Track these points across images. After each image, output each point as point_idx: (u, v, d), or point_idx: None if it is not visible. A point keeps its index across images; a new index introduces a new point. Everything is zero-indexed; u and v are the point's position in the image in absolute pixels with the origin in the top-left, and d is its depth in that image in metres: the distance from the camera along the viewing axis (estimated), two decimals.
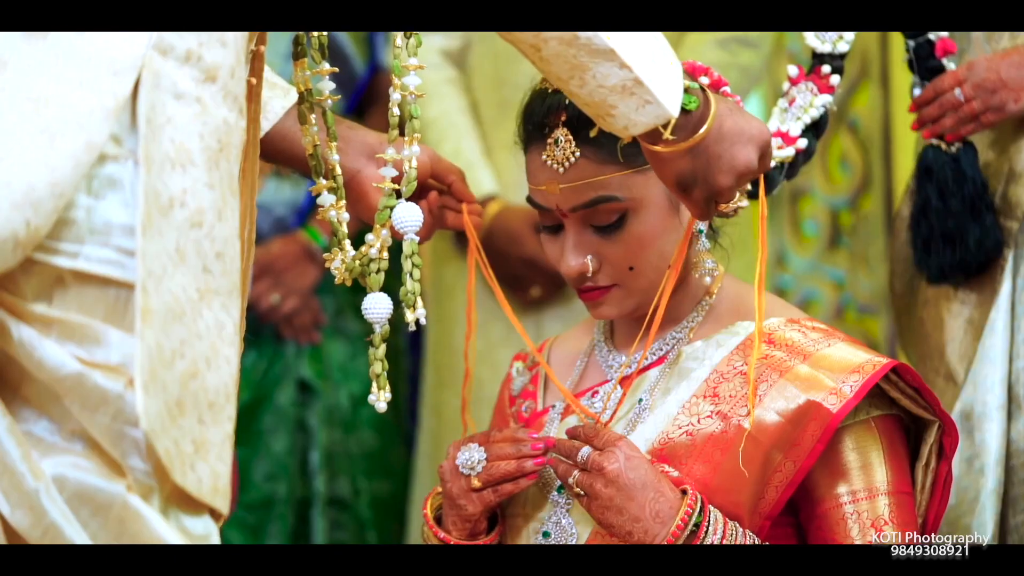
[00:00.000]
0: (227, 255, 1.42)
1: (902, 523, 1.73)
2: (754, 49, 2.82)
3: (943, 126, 2.24)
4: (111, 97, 1.35)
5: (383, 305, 1.69)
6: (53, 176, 1.31)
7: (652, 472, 1.71)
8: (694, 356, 1.81)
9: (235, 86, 1.44)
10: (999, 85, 2.19)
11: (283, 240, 3.05)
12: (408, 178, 1.69)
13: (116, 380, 1.32)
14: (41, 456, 1.33)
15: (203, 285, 1.38)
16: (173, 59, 1.38)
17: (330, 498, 3.08)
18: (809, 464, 1.71)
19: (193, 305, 1.37)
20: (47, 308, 1.33)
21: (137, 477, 1.34)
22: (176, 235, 1.36)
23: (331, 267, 1.78)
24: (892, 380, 1.76)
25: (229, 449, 1.40)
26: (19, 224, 1.29)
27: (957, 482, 2.22)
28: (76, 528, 1.31)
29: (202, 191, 1.39)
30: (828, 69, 2.04)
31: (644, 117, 1.59)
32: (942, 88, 2.23)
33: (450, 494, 1.81)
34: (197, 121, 1.39)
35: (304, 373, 3.09)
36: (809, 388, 1.72)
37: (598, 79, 1.57)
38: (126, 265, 1.34)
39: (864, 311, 3.69)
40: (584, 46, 1.54)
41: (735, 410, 1.74)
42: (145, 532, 1.33)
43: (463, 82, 2.93)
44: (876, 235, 3.63)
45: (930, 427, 1.79)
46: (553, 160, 1.77)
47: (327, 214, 1.78)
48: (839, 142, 3.61)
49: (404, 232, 1.67)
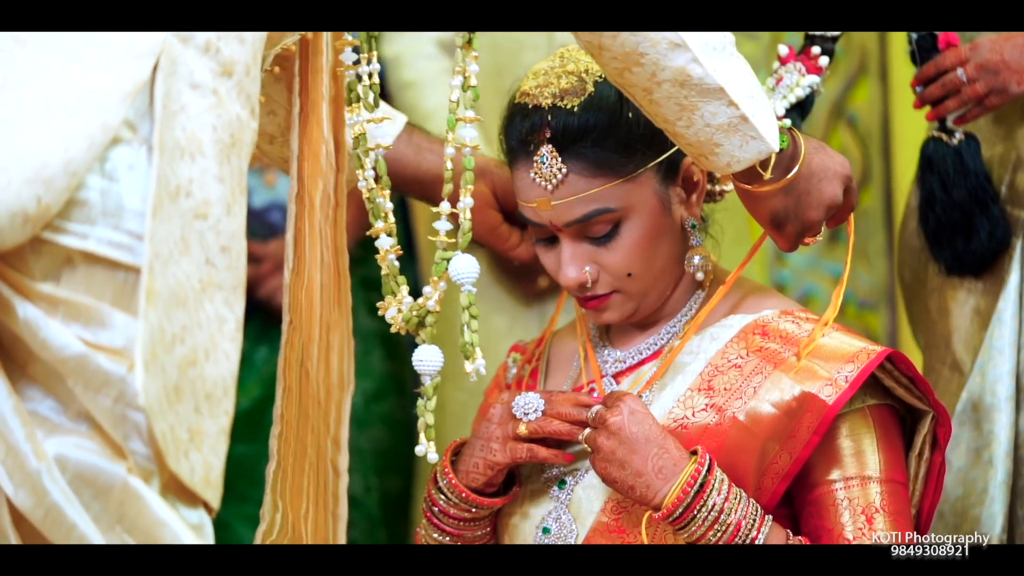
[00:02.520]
0: (233, 250, 1.41)
1: (893, 511, 1.73)
2: (755, 41, 2.84)
3: (946, 108, 2.22)
4: (130, 80, 1.35)
5: (435, 358, 1.72)
6: (67, 155, 1.31)
7: (657, 428, 1.71)
8: (688, 350, 1.81)
9: (249, 85, 1.44)
10: (1002, 66, 2.18)
11: None
12: (463, 229, 1.71)
13: (119, 363, 1.32)
14: (46, 436, 1.32)
15: (205, 277, 1.38)
16: (193, 48, 1.39)
17: None
18: (805, 455, 1.71)
19: (195, 295, 1.37)
20: (54, 288, 1.32)
21: (138, 461, 1.33)
22: (181, 223, 1.36)
23: (386, 316, 1.79)
24: (887, 369, 1.76)
25: (224, 444, 1.40)
26: (30, 200, 1.29)
27: (965, 473, 2.23)
28: (77, 509, 1.31)
29: (210, 183, 1.39)
30: (818, 50, 2.02)
31: (747, 153, 1.66)
32: (944, 65, 2.20)
33: (488, 435, 1.80)
34: (212, 113, 1.40)
35: None
36: (804, 379, 1.72)
37: (706, 118, 1.63)
38: (135, 249, 1.34)
39: (864, 306, 3.69)
40: (696, 86, 1.61)
41: (729, 402, 1.74)
42: (146, 514, 1.33)
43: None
44: (875, 230, 3.63)
45: (924, 417, 1.79)
46: (540, 177, 1.77)
47: (385, 259, 1.79)
48: (838, 137, 3.61)
49: (461, 284, 1.70)
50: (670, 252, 1.81)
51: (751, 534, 1.68)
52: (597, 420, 1.74)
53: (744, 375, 1.75)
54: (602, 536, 1.76)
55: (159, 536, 1.33)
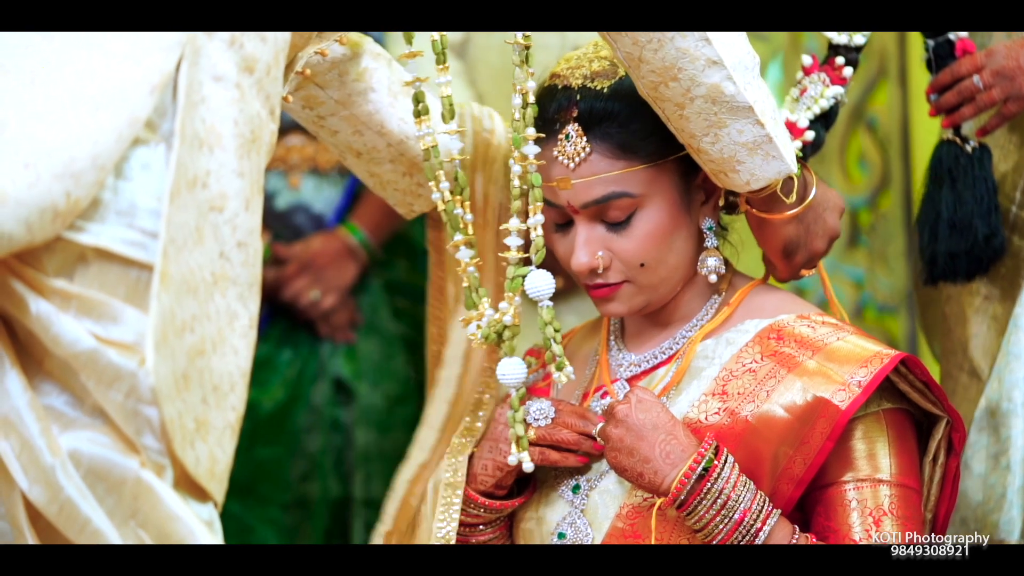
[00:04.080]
0: (250, 247, 1.42)
1: (902, 517, 1.72)
2: (764, 42, 2.85)
3: (962, 115, 2.20)
4: (157, 72, 1.35)
5: (519, 371, 1.80)
6: (95, 148, 1.31)
7: (665, 415, 1.72)
8: (704, 355, 1.81)
9: (270, 85, 1.44)
10: (1018, 72, 2.16)
11: (324, 237, 3.02)
12: (536, 245, 1.75)
13: (130, 358, 1.32)
14: (61, 430, 1.33)
15: (218, 270, 1.38)
16: (218, 40, 1.39)
17: (366, 499, 3.06)
18: (819, 462, 1.71)
19: (206, 287, 1.37)
20: (67, 284, 1.33)
21: (150, 455, 1.34)
22: (196, 214, 1.36)
23: (467, 331, 1.84)
24: (902, 373, 1.76)
25: (230, 439, 1.40)
26: (59, 195, 1.30)
27: (984, 479, 2.22)
28: (92, 504, 1.31)
29: (228, 176, 1.39)
30: (842, 61, 2.01)
31: (768, 173, 1.70)
32: (960, 72, 2.19)
33: (497, 436, 1.82)
34: (234, 107, 1.40)
35: (340, 372, 3.07)
36: (818, 384, 1.72)
37: (732, 136, 1.67)
38: (149, 247, 1.34)
39: (884, 310, 3.69)
40: (727, 103, 1.64)
41: (742, 406, 1.74)
42: (159, 508, 1.33)
43: (467, 75, 2.92)
44: (895, 234, 3.62)
45: (939, 422, 1.79)
46: (564, 155, 1.77)
47: (466, 270, 1.83)
48: (857, 141, 3.60)
49: (538, 299, 1.77)
50: (684, 250, 1.81)
51: (756, 524, 1.68)
52: (607, 412, 1.75)
53: (758, 379, 1.75)
54: (617, 541, 1.76)
55: (172, 530, 1.33)
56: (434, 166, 1.81)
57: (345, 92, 1.88)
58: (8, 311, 1.34)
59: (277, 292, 2.99)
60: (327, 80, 1.87)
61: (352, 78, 1.87)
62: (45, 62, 1.34)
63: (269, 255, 2.98)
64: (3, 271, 1.32)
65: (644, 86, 1.69)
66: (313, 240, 3.02)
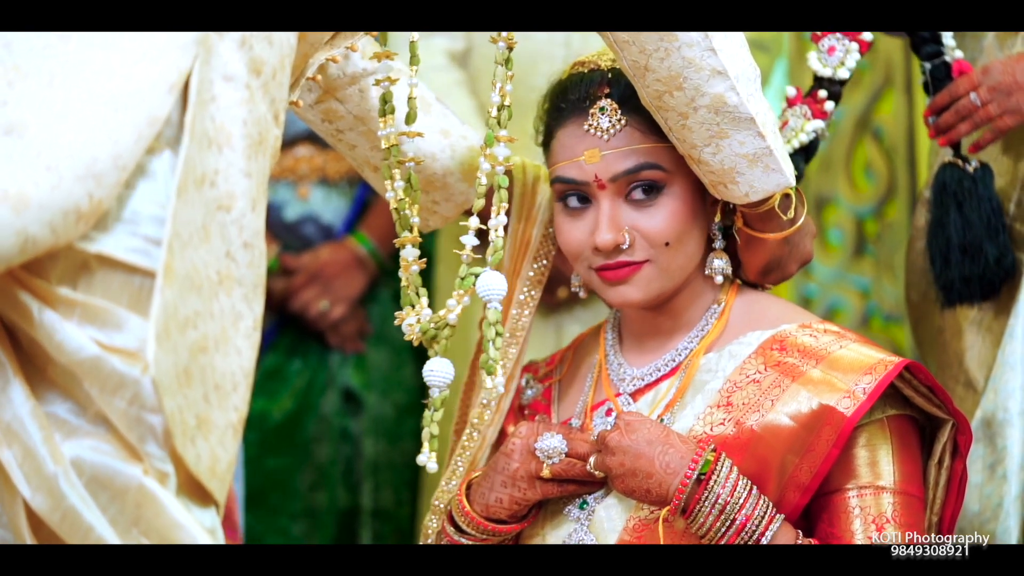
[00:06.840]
0: (256, 248, 1.41)
1: (904, 524, 1.73)
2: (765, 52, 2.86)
3: (959, 132, 2.22)
4: (174, 71, 1.35)
5: (446, 371, 1.72)
6: (116, 148, 1.31)
7: (657, 429, 1.73)
8: (707, 368, 1.82)
9: (275, 89, 1.44)
10: (1015, 87, 2.18)
11: (332, 247, 3.03)
12: (494, 247, 1.73)
13: (133, 365, 1.32)
14: (64, 438, 1.33)
15: (224, 270, 1.38)
16: (229, 40, 1.39)
17: (374, 509, 3.06)
18: (825, 469, 1.72)
19: (211, 285, 1.37)
20: (71, 291, 1.33)
21: (153, 463, 1.33)
22: (203, 212, 1.36)
23: (402, 325, 1.80)
24: (906, 378, 1.76)
25: (232, 440, 1.40)
26: (82, 196, 1.29)
27: (980, 489, 2.22)
28: (95, 512, 1.31)
29: (236, 176, 1.39)
30: (824, 94, 2.03)
31: (766, 185, 1.72)
32: (957, 92, 2.20)
33: (513, 474, 1.81)
34: (243, 107, 1.40)
35: (349, 382, 3.07)
36: (822, 392, 1.73)
37: (734, 147, 1.68)
38: (152, 254, 1.34)
39: (890, 319, 3.68)
40: (729, 113, 1.65)
41: (747, 415, 1.74)
42: (162, 516, 1.33)
43: (470, 84, 2.92)
44: (901, 243, 3.60)
45: (944, 426, 1.79)
46: (597, 128, 1.79)
47: (409, 269, 1.82)
48: (863, 150, 3.59)
49: (488, 301, 1.69)
50: (698, 243, 1.83)
51: (759, 530, 1.68)
52: (599, 443, 1.76)
53: (762, 389, 1.75)
54: None
55: (175, 538, 1.33)
56: (391, 164, 1.83)
57: (364, 108, 1.90)
58: (12, 319, 1.33)
59: (286, 303, 2.99)
60: (347, 95, 1.89)
61: (371, 95, 1.89)
62: (63, 63, 1.33)
63: (278, 266, 2.98)
64: (7, 279, 1.32)
65: (648, 95, 1.70)
66: (322, 250, 3.02)
